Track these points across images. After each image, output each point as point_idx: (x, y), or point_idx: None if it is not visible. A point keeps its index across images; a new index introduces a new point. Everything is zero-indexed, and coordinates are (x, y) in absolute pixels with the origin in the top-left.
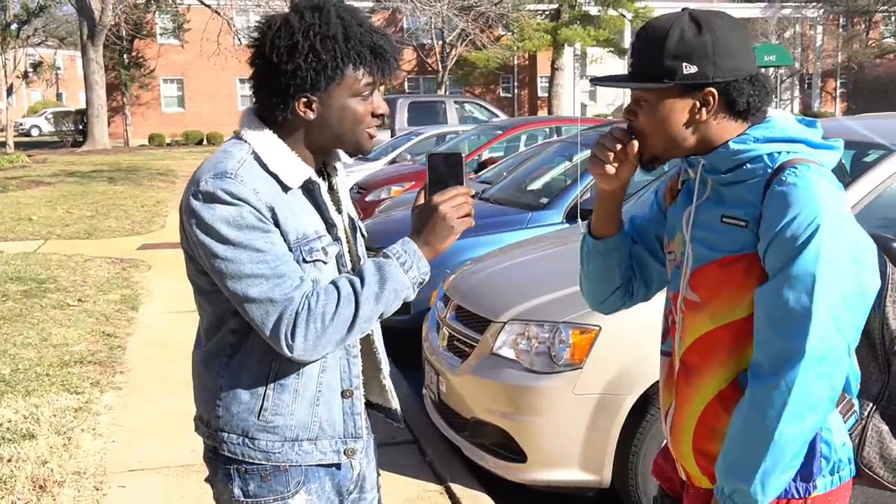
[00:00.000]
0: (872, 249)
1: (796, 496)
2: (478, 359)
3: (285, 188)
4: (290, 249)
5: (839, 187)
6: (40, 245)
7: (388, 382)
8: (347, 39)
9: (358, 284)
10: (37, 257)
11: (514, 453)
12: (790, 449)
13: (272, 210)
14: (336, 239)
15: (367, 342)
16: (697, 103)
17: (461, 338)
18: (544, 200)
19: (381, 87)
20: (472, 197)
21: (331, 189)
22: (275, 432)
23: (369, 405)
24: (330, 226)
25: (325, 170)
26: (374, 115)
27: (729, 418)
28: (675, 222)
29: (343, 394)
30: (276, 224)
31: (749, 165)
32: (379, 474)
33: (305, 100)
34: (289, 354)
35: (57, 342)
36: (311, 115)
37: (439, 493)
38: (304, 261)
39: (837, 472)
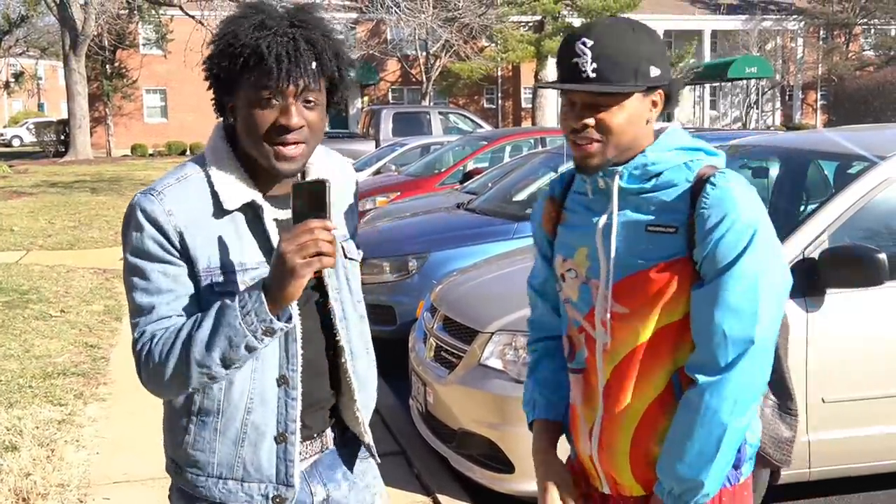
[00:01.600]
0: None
1: (728, 485)
2: (465, 369)
3: (223, 210)
4: (196, 277)
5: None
6: (22, 256)
7: (361, 414)
8: (236, 39)
9: (195, 327)
10: (19, 268)
11: (502, 464)
12: (737, 439)
13: (181, 235)
14: None
15: (336, 370)
16: (651, 104)
17: (448, 348)
18: (530, 211)
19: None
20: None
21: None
22: (197, 466)
23: (346, 436)
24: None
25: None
26: (274, 125)
27: (668, 420)
28: (571, 240)
29: (276, 438)
30: (185, 250)
31: (668, 174)
32: (377, 495)
33: (228, 103)
34: (146, 388)
35: (40, 353)
36: (234, 119)
37: None
38: (213, 291)
39: (753, 458)
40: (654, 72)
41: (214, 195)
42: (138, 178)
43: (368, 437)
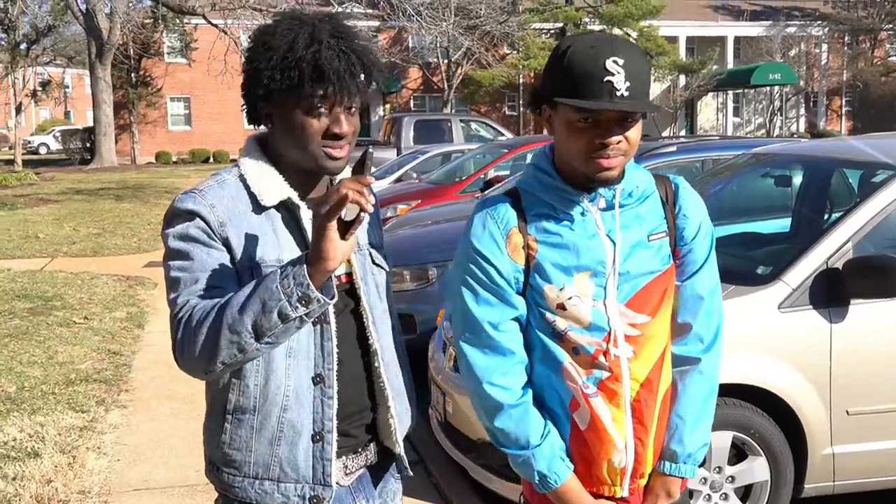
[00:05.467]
0: None
1: None
2: None
3: (260, 208)
4: (237, 271)
5: None
6: (47, 263)
7: (394, 423)
8: (288, 53)
9: (236, 294)
10: (43, 275)
11: None
12: None
13: (223, 226)
14: None
15: (369, 375)
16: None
17: None
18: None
19: (375, 105)
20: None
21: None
22: (234, 466)
23: (385, 453)
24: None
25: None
26: (327, 133)
27: (667, 404)
28: (564, 265)
29: (314, 437)
30: (227, 242)
31: (642, 185)
32: None
33: (267, 111)
34: (180, 367)
35: (63, 360)
36: (271, 126)
37: None
38: None
39: None
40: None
41: (251, 195)
42: (162, 186)
43: (400, 449)
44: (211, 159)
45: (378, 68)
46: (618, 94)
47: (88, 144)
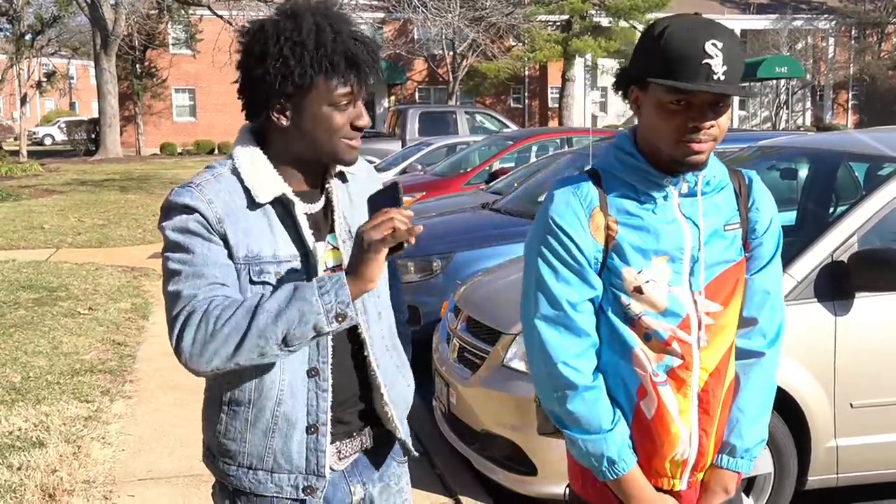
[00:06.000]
0: None
1: None
2: (488, 370)
3: (255, 204)
4: (235, 265)
5: None
6: (52, 253)
7: (389, 409)
8: (319, 47)
9: (264, 298)
10: (48, 266)
11: (525, 466)
12: None
13: (221, 222)
14: (307, 264)
15: (362, 366)
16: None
17: (472, 349)
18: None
19: (383, 97)
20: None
21: (330, 211)
22: (229, 456)
23: (383, 436)
24: (304, 250)
25: (326, 189)
26: (352, 126)
27: (730, 396)
28: (643, 248)
29: (308, 429)
30: (224, 237)
31: (718, 175)
32: (406, 501)
33: (279, 106)
34: (179, 361)
35: (67, 350)
36: (285, 122)
37: None
38: (252, 281)
39: None
40: None
41: (246, 190)
42: (167, 177)
43: (402, 433)
44: (216, 150)
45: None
46: (715, 77)
47: (93, 135)
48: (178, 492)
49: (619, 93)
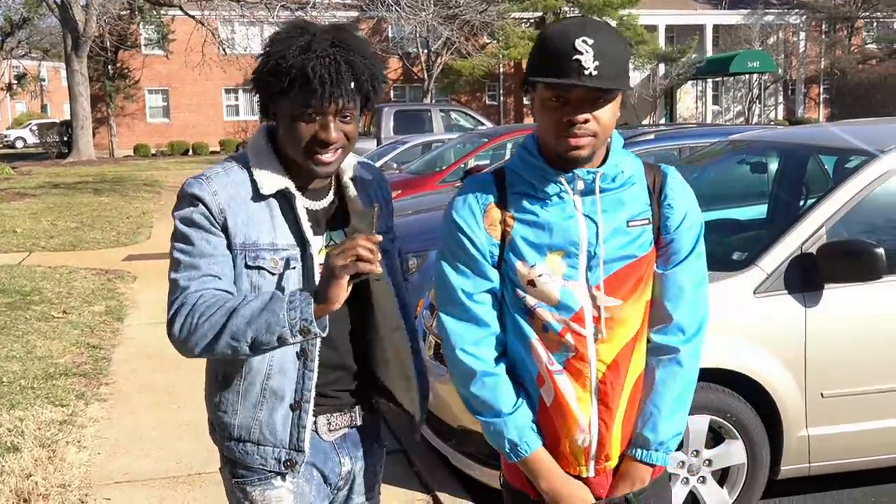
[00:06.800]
0: None
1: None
2: None
3: (260, 196)
4: (232, 251)
5: None
6: (25, 257)
7: (414, 382)
8: (284, 59)
9: (244, 302)
10: (21, 269)
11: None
12: None
13: (223, 212)
14: (304, 255)
15: (364, 348)
16: (619, 106)
17: None
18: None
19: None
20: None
21: (341, 208)
22: (223, 427)
23: (371, 417)
24: (303, 243)
25: (340, 187)
26: (314, 139)
27: (638, 389)
28: (537, 243)
29: (292, 406)
30: (225, 226)
31: (627, 171)
32: (377, 483)
33: (272, 109)
34: (170, 341)
35: (41, 354)
36: (276, 125)
37: (426, 503)
38: (247, 265)
39: None
40: (629, 73)
41: (253, 182)
42: (141, 179)
43: (416, 410)
44: (190, 151)
45: (375, 76)
46: (586, 72)
47: (66, 138)
48: (155, 494)
49: (524, 94)
